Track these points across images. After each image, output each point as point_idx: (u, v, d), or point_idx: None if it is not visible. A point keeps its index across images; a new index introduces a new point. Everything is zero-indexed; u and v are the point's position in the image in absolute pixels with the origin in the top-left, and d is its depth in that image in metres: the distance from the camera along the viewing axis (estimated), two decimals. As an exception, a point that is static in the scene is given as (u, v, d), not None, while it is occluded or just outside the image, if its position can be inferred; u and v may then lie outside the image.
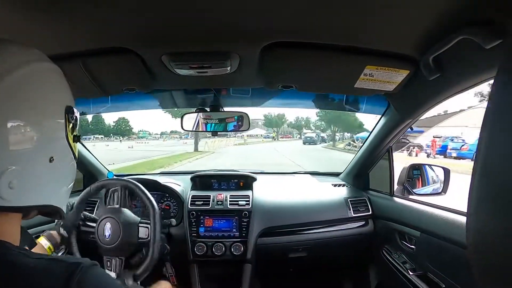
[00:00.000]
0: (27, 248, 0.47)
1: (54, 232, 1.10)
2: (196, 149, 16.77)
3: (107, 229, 1.10)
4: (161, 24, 0.69)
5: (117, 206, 1.16)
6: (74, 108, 0.50)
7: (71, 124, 0.49)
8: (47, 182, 0.46)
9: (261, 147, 23.66)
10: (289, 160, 12.64)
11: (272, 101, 1.40)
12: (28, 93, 0.43)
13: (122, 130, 39.45)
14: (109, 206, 1.18)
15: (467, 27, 0.60)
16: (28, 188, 0.43)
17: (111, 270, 1.10)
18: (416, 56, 0.79)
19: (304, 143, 26.04)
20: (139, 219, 1.15)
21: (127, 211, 1.15)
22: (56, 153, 0.47)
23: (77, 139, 0.52)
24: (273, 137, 38.10)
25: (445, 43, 0.66)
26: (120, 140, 32.90)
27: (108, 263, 1.11)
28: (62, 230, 1.12)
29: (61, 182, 0.50)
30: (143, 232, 1.12)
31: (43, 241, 1.04)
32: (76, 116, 0.51)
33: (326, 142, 27.30)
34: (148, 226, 1.11)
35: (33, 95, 0.43)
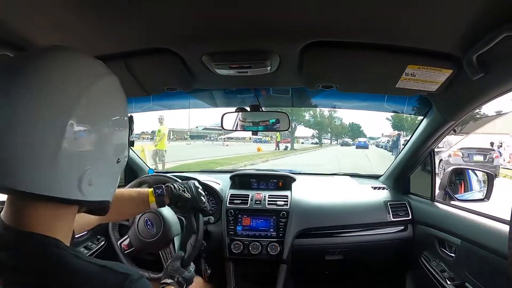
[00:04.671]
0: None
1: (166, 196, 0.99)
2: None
3: (149, 223, 1.14)
4: (201, 25, 0.71)
5: None
6: (132, 116, 0.56)
7: (131, 131, 0.55)
8: (112, 180, 0.53)
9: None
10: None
11: (313, 101, 1.40)
12: (106, 103, 0.49)
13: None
14: None
15: (510, 24, 0.58)
16: (101, 185, 0.49)
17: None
18: (459, 55, 0.76)
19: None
20: (178, 233, 1.18)
21: (174, 215, 1.19)
22: (121, 155, 0.52)
23: (132, 144, 0.58)
24: (278, 141, 20.82)
25: (489, 41, 0.64)
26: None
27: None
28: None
29: (117, 179, 0.56)
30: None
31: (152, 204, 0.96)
32: (132, 123, 0.57)
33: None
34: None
35: (109, 105, 0.49)
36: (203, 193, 1.07)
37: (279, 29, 0.72)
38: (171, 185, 0.99)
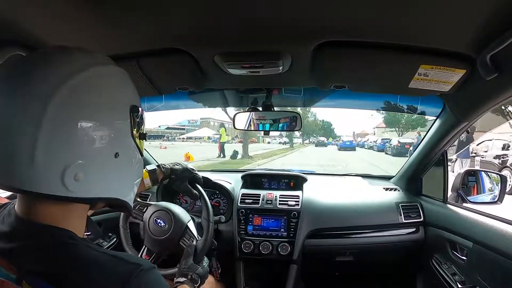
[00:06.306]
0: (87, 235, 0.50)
1: (158, 171, 1.06)
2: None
3: (158, 221, 1.14)
4: (214, 25, 0.72)
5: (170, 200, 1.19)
6: (139, 107, 0.53)
7: (136, 123, 0.52)
8: (112, 176, 0.49)
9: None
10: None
11: (325, 101, 1.40)
12: (93, 93, 0.46)
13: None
14: (163, 201, 1.22)
15: None
16: (93, 181, 0.46)
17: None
18: (473, 55, 0.76)
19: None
20: (190, 219, 1.18)
21: (180, 207, 1.20)
22: (121, 149, 0.49)
23: (143, 136, 0.55)
24: (223, 142, 13.36)
25: (502, 41, 0.63)
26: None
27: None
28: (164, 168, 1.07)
29: (126, 177, 0.52)
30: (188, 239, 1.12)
31: (145, 180, 1.02)
32: (141, 115, 0.53)
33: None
34: (194, 238, 1.11)
35: (98, 95, 0.46)
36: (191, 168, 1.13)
37: (291, 29, 0.72)
38: (162, 164, 1.07)
